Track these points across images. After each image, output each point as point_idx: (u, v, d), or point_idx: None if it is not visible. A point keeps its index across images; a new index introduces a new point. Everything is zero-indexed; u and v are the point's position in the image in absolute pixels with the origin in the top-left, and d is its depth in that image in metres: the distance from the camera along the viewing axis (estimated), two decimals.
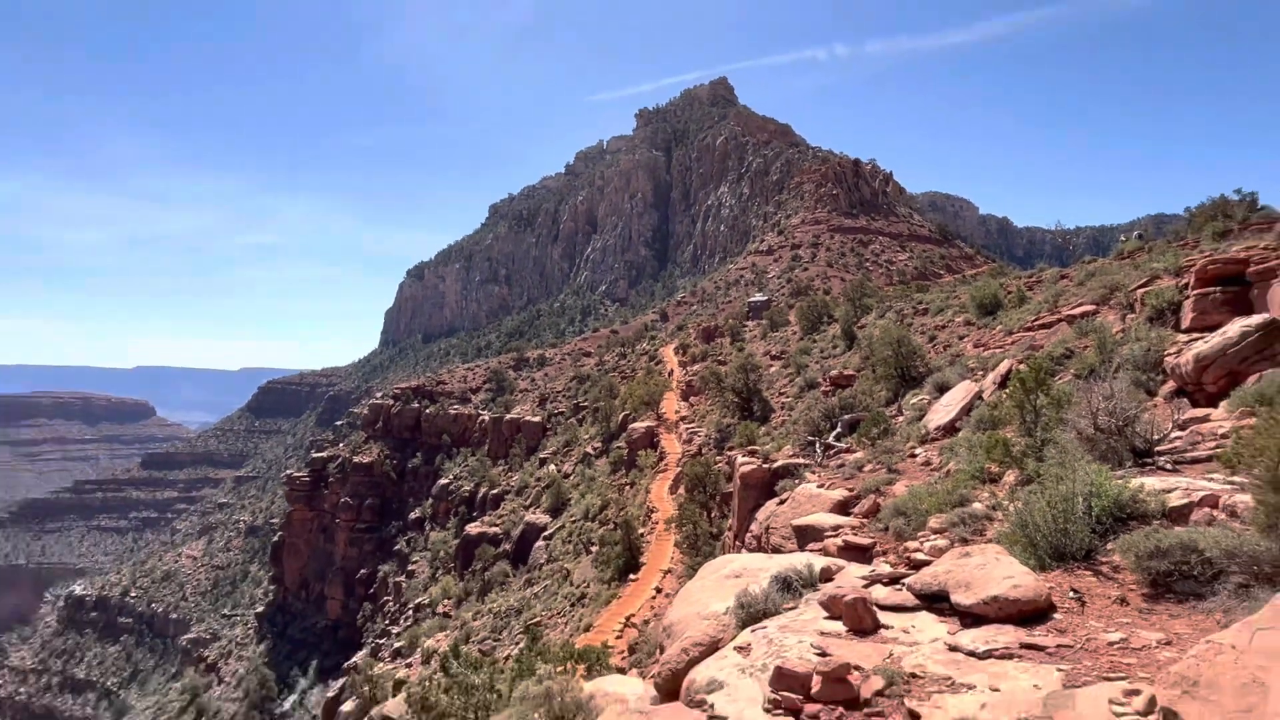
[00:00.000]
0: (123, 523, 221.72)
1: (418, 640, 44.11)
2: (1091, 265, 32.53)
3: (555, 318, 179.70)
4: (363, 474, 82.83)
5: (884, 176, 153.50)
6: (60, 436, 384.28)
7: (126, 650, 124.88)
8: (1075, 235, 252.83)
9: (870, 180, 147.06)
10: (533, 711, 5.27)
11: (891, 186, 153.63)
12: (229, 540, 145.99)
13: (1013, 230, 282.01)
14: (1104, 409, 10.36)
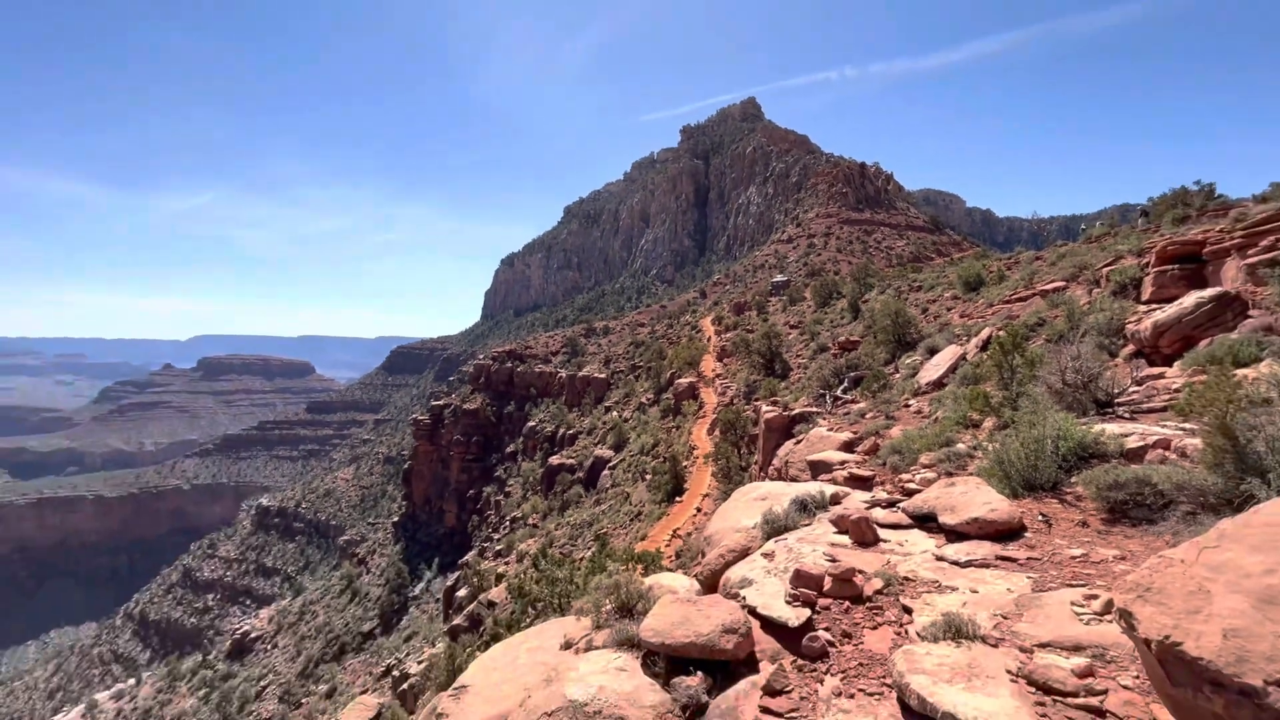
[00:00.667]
0: (294, 453, 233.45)
1: (513, 545, 45.44)
2: (1063, 248, 30.67)
3: (616, 296, 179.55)
4: (470, 418, 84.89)
5: (885, 177, 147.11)
6: (248, 388, 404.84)
7: (300, 547, 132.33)
8: (1049, 223, 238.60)
9: (874, 180, 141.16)
10: (605, 598, 5.37)
11: (891, 185, 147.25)
12: (371, 467, 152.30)
13: (995, 220, 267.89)
14: (1071, 367, 9.87)
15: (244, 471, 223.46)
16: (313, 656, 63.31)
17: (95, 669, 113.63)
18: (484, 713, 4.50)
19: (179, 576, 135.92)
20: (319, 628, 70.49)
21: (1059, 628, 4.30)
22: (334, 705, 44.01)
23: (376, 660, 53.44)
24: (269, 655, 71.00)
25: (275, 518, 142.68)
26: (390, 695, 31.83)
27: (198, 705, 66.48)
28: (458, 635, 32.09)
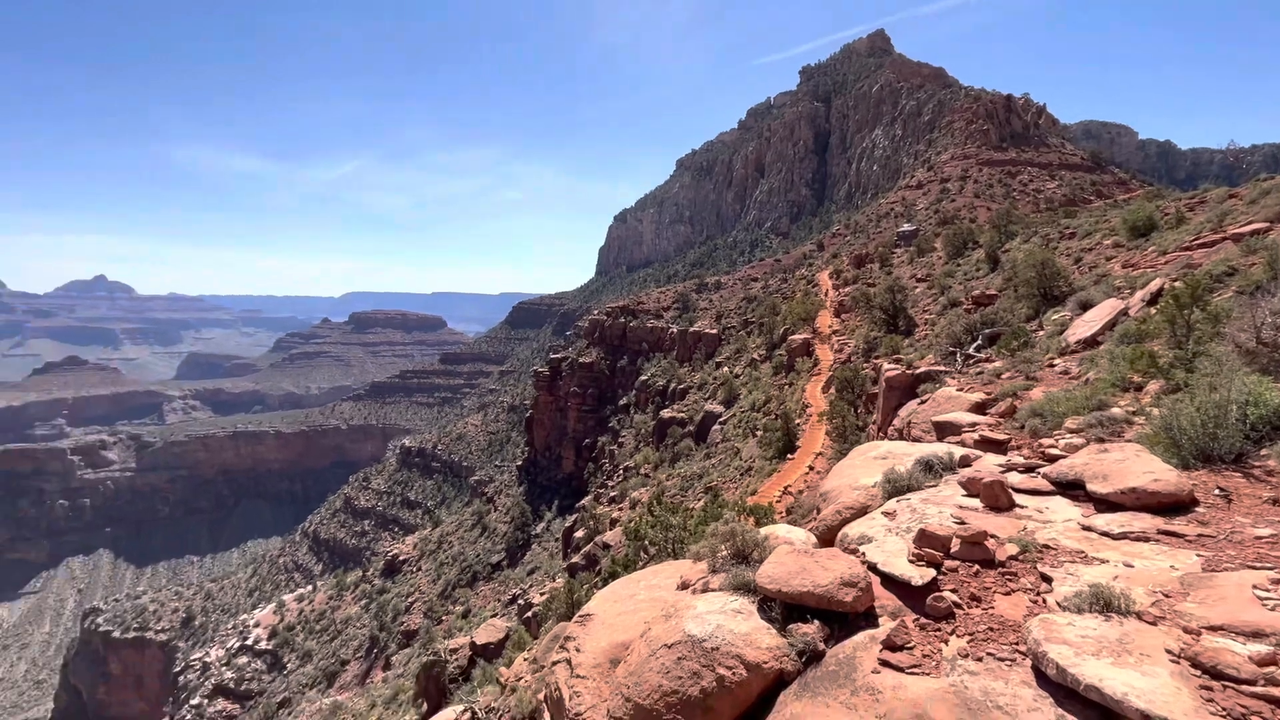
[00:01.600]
0: (430, 400, 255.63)
1: (626, 492, 47.27)
2: (1267, 183, 25.63)
3: (729, 250, 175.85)
4: (585, 371, 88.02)
5: (1036, 109, 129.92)
6: (390, 341, 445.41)
7: (437, 484, 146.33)
8: (1250, 154, 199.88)
9: (1021, 114, 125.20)
10: (721, 544, 5.49)
11: (1043, 118, 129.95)
12: (497, 415, 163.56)
13: (1175, 153, 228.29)
14: (1271, 323, 8.40)
15: (389, 415, 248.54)
16: (450, 581, 70.57)
17: (281, 575, 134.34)
18: (608, 638, 4.85)
19: (341, 503, 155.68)
20: (454, 556, 78.20)
21: (1235, 611, 3.82)
22: (468, 624, 49.05)
23: (504, 589, 58.57)
24: (414, 576, 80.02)
25: (416, 457, 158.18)
26: (516, 620, 34.90)
27: (360, 612, 76.79)
28: (575, 572, 34.30)
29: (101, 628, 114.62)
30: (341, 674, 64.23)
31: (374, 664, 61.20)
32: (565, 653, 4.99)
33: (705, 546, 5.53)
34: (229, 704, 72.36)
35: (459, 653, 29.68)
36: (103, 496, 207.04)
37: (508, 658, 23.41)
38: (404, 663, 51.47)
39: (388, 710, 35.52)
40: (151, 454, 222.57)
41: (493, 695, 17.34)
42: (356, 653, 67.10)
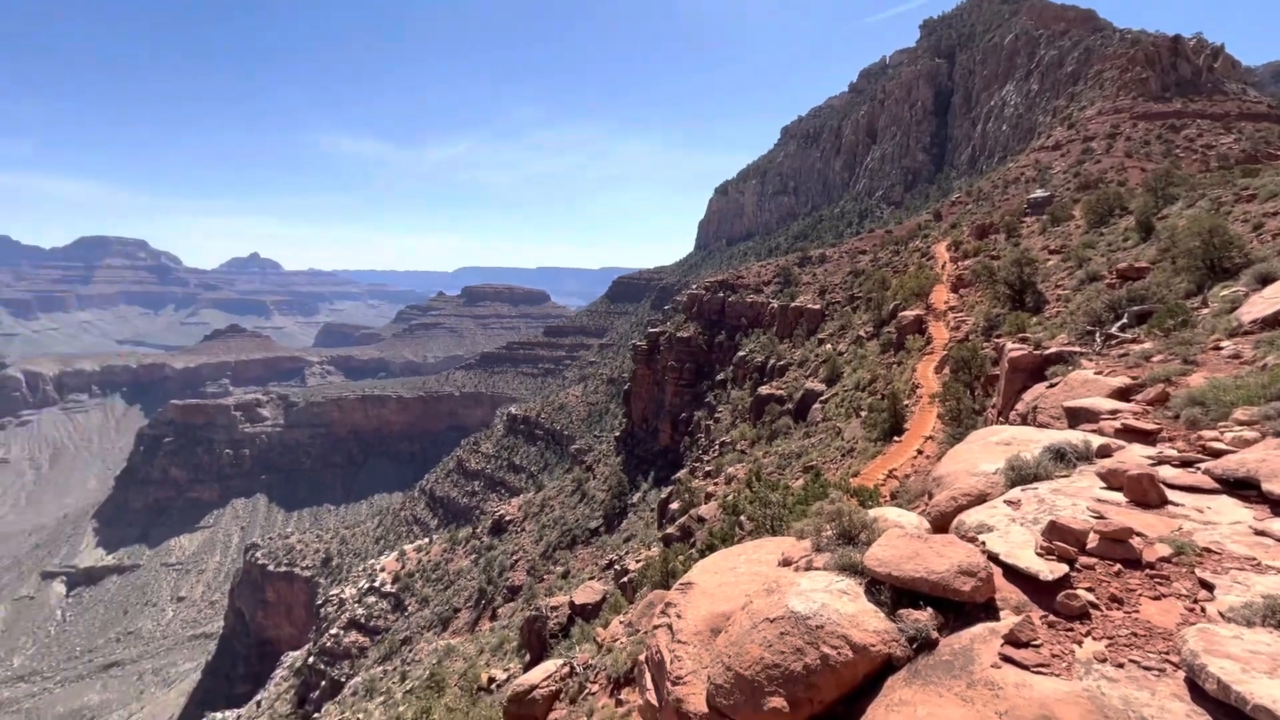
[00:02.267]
0: (534, 371, 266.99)
1: (722, 467, 47.20)
2: None
3: (835, 222, 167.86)
4: (683, 345, 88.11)
5: (1210, 51, 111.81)
6: (498, 313, 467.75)
7: (540, 450, 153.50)
8: None
9: (1192, 57, 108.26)
10: (826, 524, 5.34)
11: (1220, 61, 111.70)
12: (596, 386, 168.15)
13: None
14: None
15: (497, 384, 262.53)
16: (551, 542, 74.23)
17: (403, 526, 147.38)
18: (708, 607, 4.91)
19: (454, 465, 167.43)
20: (555, 520, 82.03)
21: None
22: (568, 584, 51.51)
23: (601, 554, 60.79)
24: (519, 536, 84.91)
25: (521, 425, 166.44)
26: (612, 585, 36.17)
27: (470, 566, 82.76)
28: (670, 542, 34.89)
29: (259, 561, 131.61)
30: (454, 620, 69.83)
31: (482, 613, 66.03)
32: (666, 618, 5.11)
33: (809, 525, 5.40)
34: (360, 636, 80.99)
35: (559, 610, 31.27)
36: (259, 448, 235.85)
37: (604, 619, 24.37)
38: (509, 615, 55.05)
39: (494, 656, 38.28)
40: (296, 413, 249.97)
41: (590, 653, 18.18)
42: (467, 602, 72.60)
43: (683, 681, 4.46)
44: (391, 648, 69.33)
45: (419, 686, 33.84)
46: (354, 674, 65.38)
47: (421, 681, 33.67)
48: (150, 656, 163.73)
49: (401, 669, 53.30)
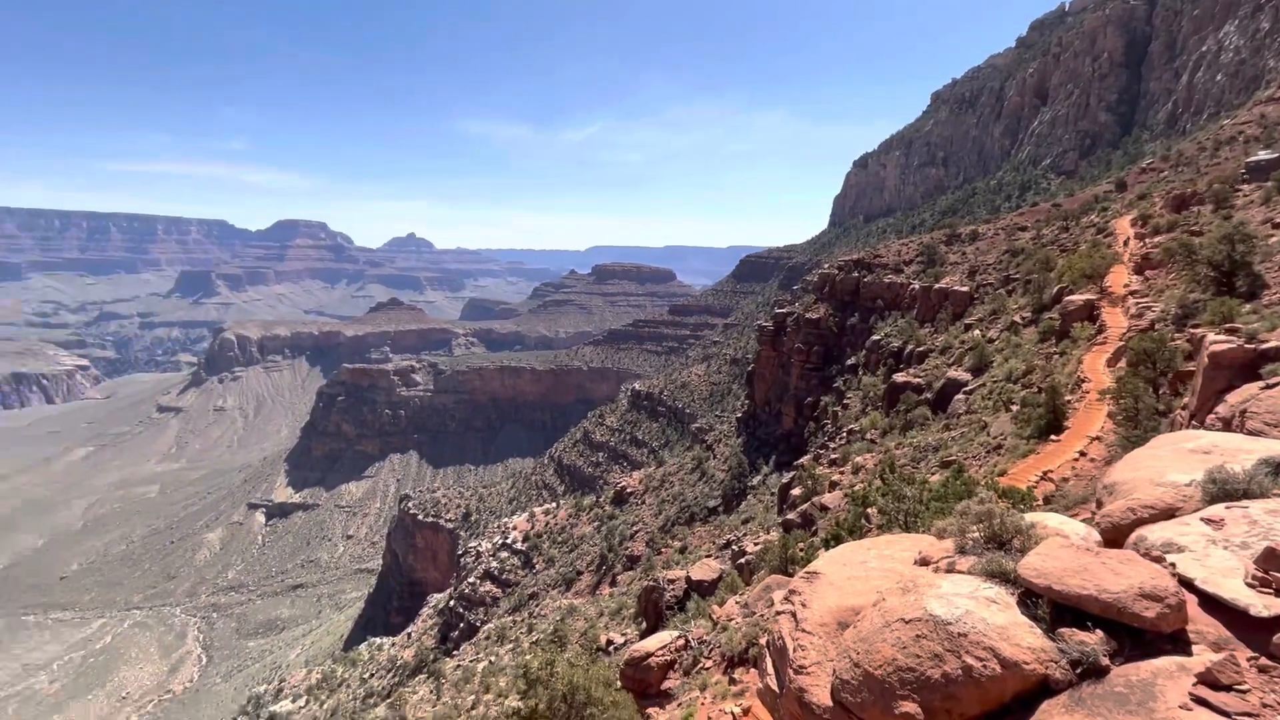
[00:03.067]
0: (658, 348, 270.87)
1: (848, 456, 45.12)
2: None
3: (990, 195, 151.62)
4: (811, 327, 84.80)
5: None
6: (626, 291, 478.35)
7: (662, 427, 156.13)
8: None
9: None
10: (972, 524, 4.87)
11: None
12: (720, 366, 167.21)
13: None
14: None
15: (623, 360, 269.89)
16: (670, 517, 75.63)
17: (533, 490, 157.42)
18: (835, 599, 4.69)
19: (581, 435, 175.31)
20: (675, 495, 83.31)
21: None
22: (685, 559, 52.30)
23: (719, 533, 60.91)
24: (639, 508, 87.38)
25: (644, 401, 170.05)
26: (729, 564, 36.16)
27: (592, 532, 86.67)
28: (790, 528, 34.10)
29: (410, 511, 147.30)
30: (576, 582, 73.77)
31: (603, 579, 69.11)
32: (790, 605, 4.96)
33: (952, 524, 4.95)
34: (493, 587, 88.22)
35: (675, 584, 31.87)
36: (412, 409, 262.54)
37: (720, 597, 24.45)
38: (627, 583, 57.11)
39: (612, 620, 39.99)
40: (443, 379, 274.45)
41: (705, 629, 18.37)
42: (589, 566, 76.29)
43: (806, 671, 4.31)
44: (520, 601, 74.78)
45: (544, 639, 36.25)
46: (487, 620, 71.43)
47: (546, 635, 36.09)
48: (326, 583, 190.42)
49: (529, 621, 57.29)
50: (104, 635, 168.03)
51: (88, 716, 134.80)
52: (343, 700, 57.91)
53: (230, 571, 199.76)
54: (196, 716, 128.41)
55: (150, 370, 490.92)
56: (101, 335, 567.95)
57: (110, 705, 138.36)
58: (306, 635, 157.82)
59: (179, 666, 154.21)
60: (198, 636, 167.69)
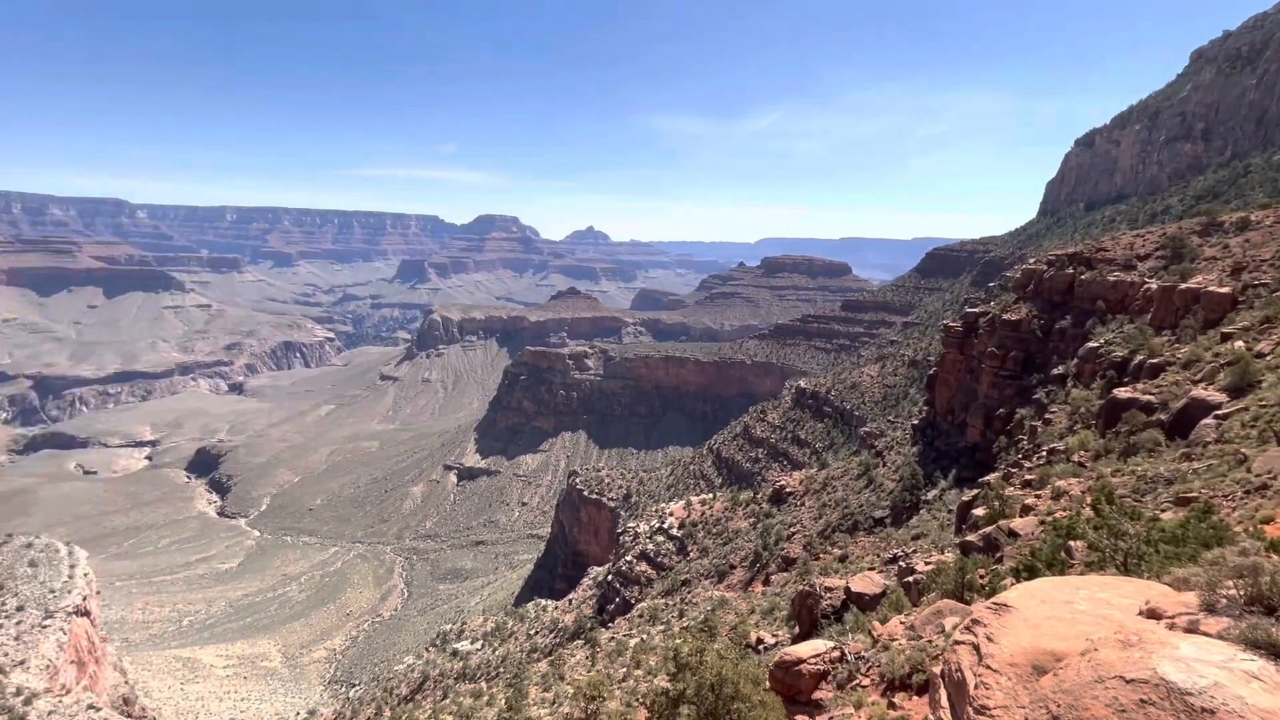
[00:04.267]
0: (828, 345, 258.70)
1: (1048, 478, 39.31)
2: None
3: (1270, 173, 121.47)
4: (1009, 330, 75.05)
5: None
6: (795, 285, 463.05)
7: (827, 428, 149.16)
8: None
9: None
10: (1229, 579, 3.92)
11: None
12: (895, 368, 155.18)
13: None
14: None
15: (788, 355, 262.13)
16: (830, 523, 72.13)
17: (690, 479, 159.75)
18: (1030, 639, 4.04)
19: (741, 430, 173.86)
20: (837, 501, 79.23)
21: None
22: (844, 568, 49.55)
23: (884, 545, 56.76)
24: (798, 510, 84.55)
25: (809, 399, 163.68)
26: (894, 580, 33.55)
27: (747, 528, 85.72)
28: (969, 551, 30.71)
29: (577, 486, 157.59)
30: (729, 575, 73.57)
31: (756, 575, 68.10)
32: (971, 636, 4.38)
33: (1199, 575, 4.01)
34: (648, 568, 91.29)
35: (833, 592, 30.35)
36: (583, 392, 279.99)
37: (882, 614, 22.81)
38: (781, 584, 55.66)
39: (764, 619, 39.26)
40: (612, 365, 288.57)
41: (863, 644, 17.25)
42: (742, 561, 75.64)
43: (989, 713, 3.77)
44: (673, 585, 76.54)
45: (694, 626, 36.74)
46: (641, 599, 74.20)
47: (696, 623, 36.54)
48: (503, 543, 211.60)
49: (680, 606, 58.45)
50: (336, 561, 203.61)
51: (322, 622, 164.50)
52: (511, 650, 63.89)
53: (428, 522, 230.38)
54: (397, 640, 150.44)
55: (376, 344, 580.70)
56: (344, 313, 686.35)
57: (338, 617, 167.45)
58: (485, 587, 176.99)
59: (387, 596, 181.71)
60: (401, 573, 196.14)
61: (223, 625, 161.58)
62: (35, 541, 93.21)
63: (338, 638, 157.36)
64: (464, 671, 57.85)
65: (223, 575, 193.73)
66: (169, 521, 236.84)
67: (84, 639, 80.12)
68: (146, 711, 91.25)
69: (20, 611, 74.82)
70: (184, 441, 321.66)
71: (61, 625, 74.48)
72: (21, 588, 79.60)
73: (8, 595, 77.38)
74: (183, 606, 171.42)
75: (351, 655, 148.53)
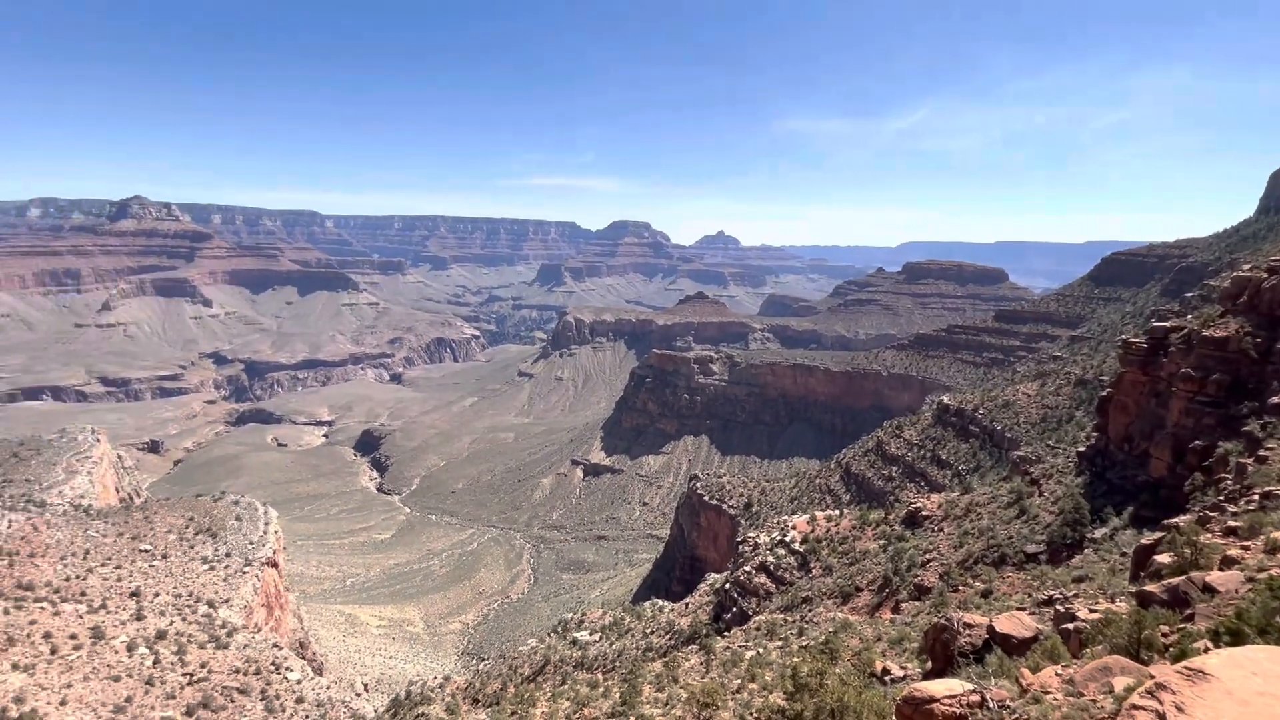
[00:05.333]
0: (977, 359, 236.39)
1: (1260, 525, 32.93)
2: None
3: None
4: (1212, 348, 63.74)
5: None
6: (941, 292, 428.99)
7: (972, 449, 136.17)
8: None
9: None
10: None
11: None
12: (1059, 387, 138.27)
13: None
14: None
15: (930, 368, 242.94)
16: (973, 553, 65.66)
17: (815, 493, 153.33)
18: (1233, 713, 3.34)
19: (873, 445, 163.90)
20: (982, 529, 71.95)
21: None
22: (987, 605, 44.89)
23: (1038, 585, 50.63)
24: (935, 535, 77.96)
25: (953, 416, 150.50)
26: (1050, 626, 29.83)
27: (876, 550, 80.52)
28: (1148, 603, 26.50)
29: (698, 491, 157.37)
30: (854, 597, 69.54)
31: (884, 602, 63.72)
32: (1154, 703, 3.72)
33: None
34: (767, 580, 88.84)
35: (974, 630, 27.60)
36: (707, 397, 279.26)
37: (1033, 661, 20.41)
38: (912, 613, 51.62)
39: (891, 649, 36.59)
40: (737, 371, 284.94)
41: (1009, 692, 15.51)
42: (869, 584, 71.16)
43: None
44: (793, 601, 73.81)
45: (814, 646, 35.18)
46: (759, 611, 72.36)
47: (817, 642, 34.93)
48: (623, 540, 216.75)
49: (800, 624, 56.25)
50: (472, 542, 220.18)
51: (459, 597, 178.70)
52: (627, 646, 65.16)
53: (555, 513, 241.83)
54: (522, 622, 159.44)
55: (516, 342, 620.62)
56: (488, 313, 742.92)
57: (471, 595, 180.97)
58: (605, 581, 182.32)
59: (516, 579, 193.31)
60: (529, 559, 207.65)
61: (377, 589, 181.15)
62: (241, 500, 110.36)
63: (471, 613, 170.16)
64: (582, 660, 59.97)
65: (379, 545, 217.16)
66: (339, 493, 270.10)
67: (273, 587, 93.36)
68: (316, 656, 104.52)
69: (228, 558, 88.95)
70: (353, 423, 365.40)
71: (257, 573, 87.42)
72: (230, 537, 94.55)
73: (220, 542, 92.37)
74: (347, 568, 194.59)
75: (482, 631, 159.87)
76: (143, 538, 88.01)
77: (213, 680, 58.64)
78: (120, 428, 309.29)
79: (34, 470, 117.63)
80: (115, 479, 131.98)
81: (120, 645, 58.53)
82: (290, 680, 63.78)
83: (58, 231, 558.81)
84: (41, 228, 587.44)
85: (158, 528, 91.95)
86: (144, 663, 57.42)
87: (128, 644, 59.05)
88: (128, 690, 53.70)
